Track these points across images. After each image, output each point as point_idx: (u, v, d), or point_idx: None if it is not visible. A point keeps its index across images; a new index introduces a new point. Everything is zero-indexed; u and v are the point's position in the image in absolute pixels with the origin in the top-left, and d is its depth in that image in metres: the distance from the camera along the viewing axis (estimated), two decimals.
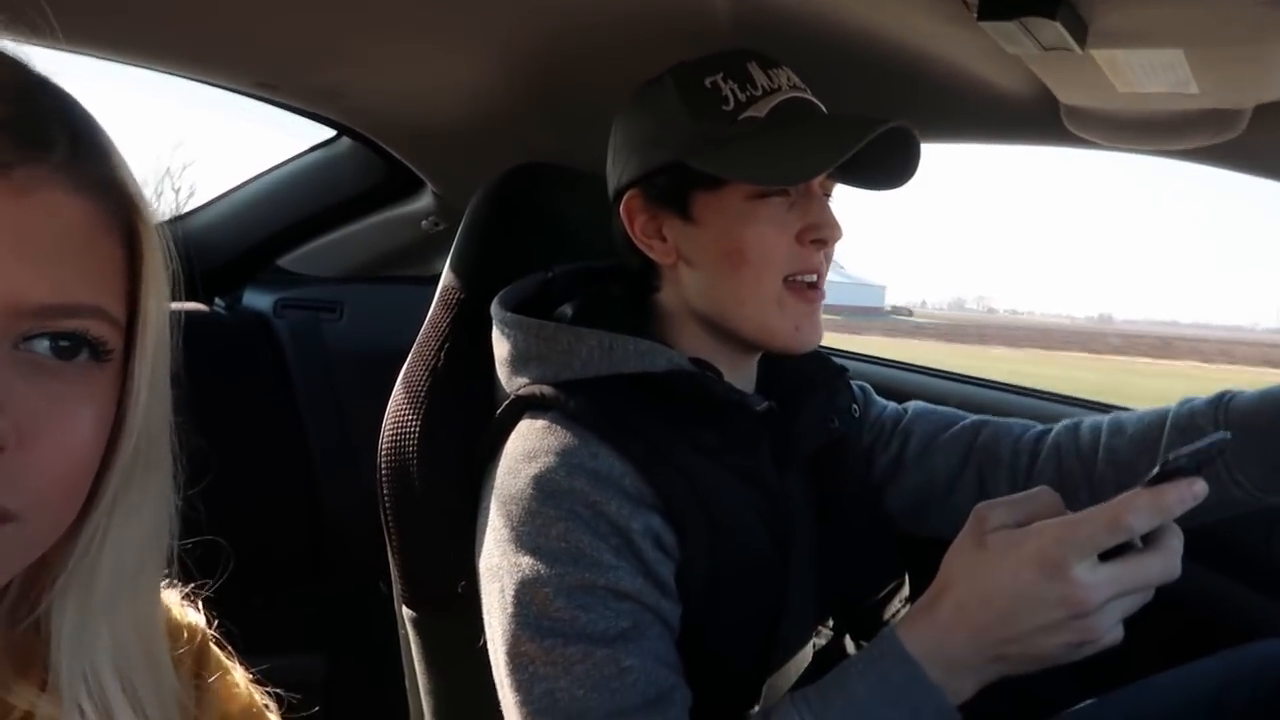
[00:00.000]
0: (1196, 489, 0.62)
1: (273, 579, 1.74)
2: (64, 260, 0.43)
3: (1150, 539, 0.64)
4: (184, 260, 0.50)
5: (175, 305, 0.51)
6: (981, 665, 0.68)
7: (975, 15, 0.70)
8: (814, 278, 0.86)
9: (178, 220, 1.82)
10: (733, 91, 0.84)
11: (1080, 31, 0.72)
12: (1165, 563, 0.64)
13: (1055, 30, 0.70)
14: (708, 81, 0.85)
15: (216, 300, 1.86)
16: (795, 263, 0.85)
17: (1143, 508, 0.63)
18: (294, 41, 1.12)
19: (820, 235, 0.85)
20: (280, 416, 1.84)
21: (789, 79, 0.87)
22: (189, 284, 0.52)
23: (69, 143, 0.44)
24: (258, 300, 1.87)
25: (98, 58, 1.13)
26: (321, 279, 1.93)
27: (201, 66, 1.21)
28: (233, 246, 1.79)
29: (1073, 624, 0.63)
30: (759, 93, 0.85)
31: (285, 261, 1.89)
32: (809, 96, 0.88)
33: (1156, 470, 0.64)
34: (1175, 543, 0.65)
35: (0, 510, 0.41)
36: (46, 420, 0.42)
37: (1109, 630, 0.64)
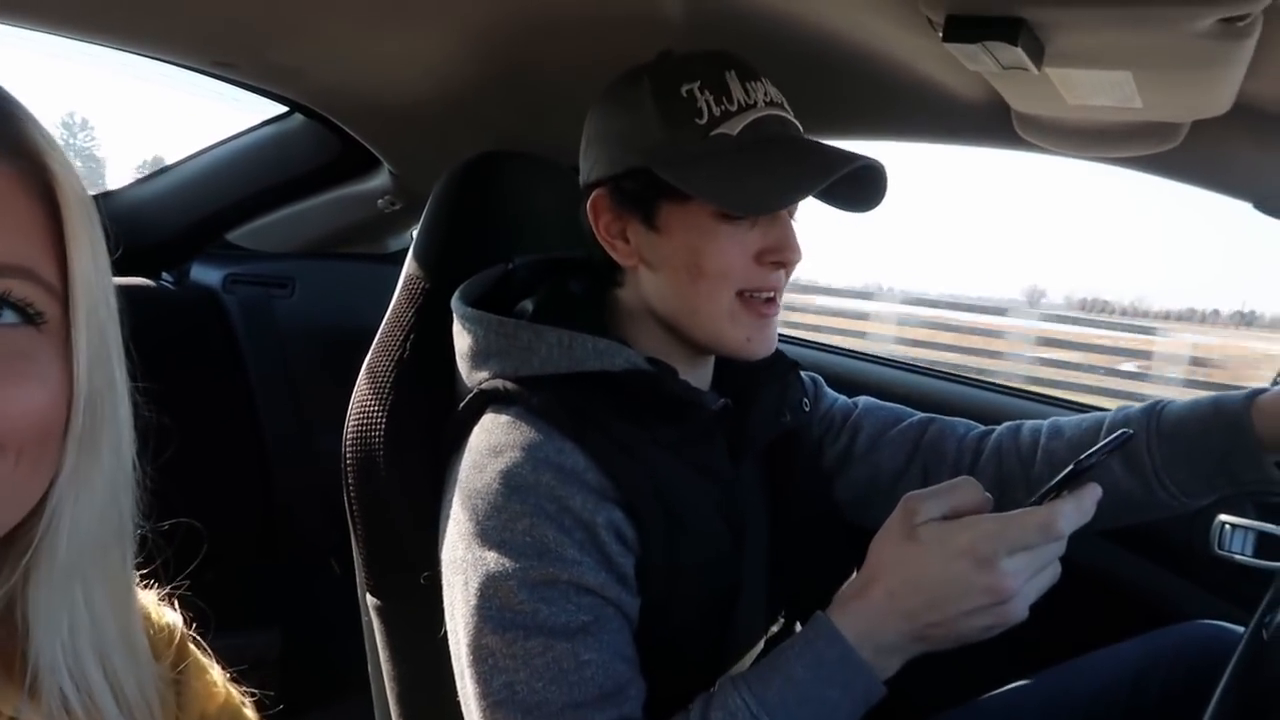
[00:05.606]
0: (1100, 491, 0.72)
1: (225, 555, 1.73)
2: None
3: None
4: (128, 233, 0.50)
5: (120, 280, 0.51)
6: (907, 645, 0.74)
7: (941, 36, 0.72)
8: (770, 294, 0.88)
9: (125, 190, 1.79)
10: (708, 104, 0.84)
11: (1037, 54, 0.75)
12: (1061, 544, 0.72)
13: (1015, 53, 0.72)
14: (684, 90, 0.84)
15: (163, 274, 1.82)
16: (751, 279, 0.86)
17: (1070, 512, 0.70)
18: (253, 19, 1.09)
19: (779, 258, 0.86)
20: (230, 392, 1.82)
21: (765, 94, 0.87)
22: (138, 256, 0.51)
23: None
24: (206, 275, 1.83)
25: (44, 32, 1.09)
26: (272, 254, 1.91)
27: (157, 44, 1.18)
28: (181, 219, 1.75)
29: (994, 609, 0.70)
30: (734, 108, 0.84)
31: (235, 236, 1.86)
32: (784, 114, 0.87)
33: (1070, 469, 0.72)
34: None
35: None
36: None
37: (1022, 612, 0.71)
